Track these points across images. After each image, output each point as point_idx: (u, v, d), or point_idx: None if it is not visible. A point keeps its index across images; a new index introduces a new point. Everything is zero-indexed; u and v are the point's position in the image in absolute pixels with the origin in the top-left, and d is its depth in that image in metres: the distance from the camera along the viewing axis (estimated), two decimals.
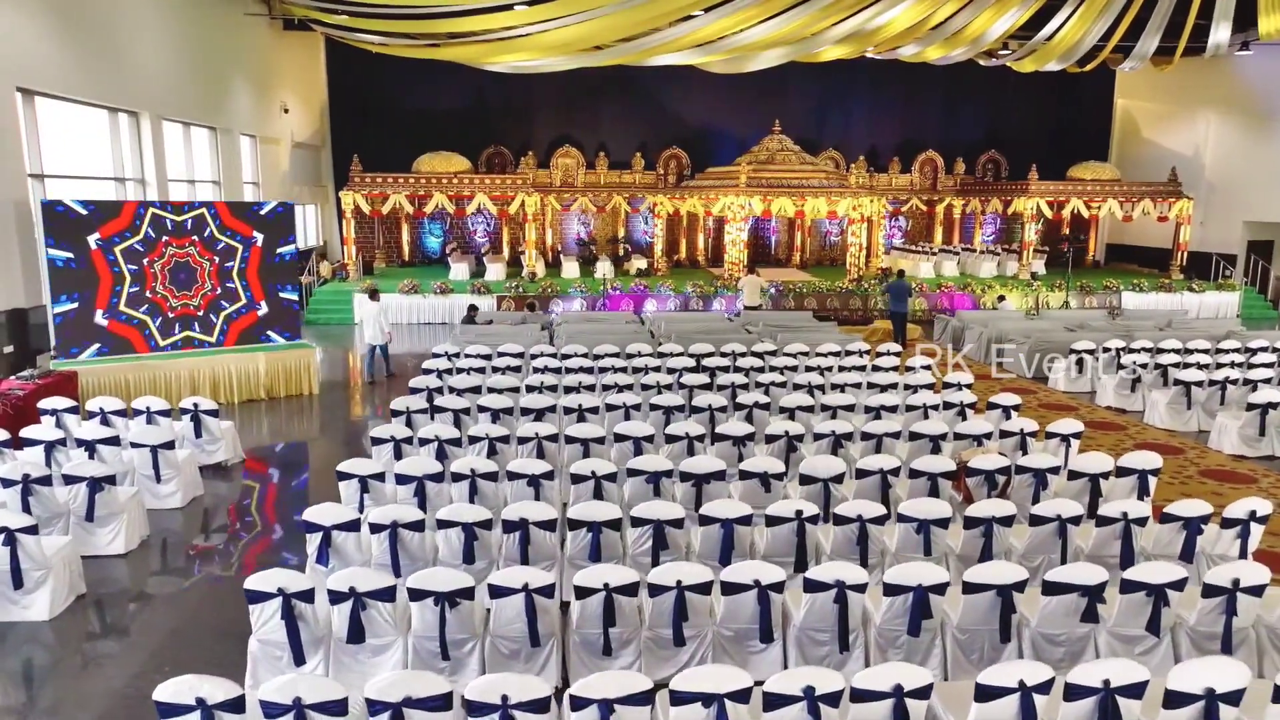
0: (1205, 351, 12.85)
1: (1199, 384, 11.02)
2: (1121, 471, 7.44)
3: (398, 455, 7.88)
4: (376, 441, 7.97)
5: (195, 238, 11.85)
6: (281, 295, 12.62)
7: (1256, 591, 5.20)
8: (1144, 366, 12.01)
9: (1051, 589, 5.18)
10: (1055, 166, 25.33)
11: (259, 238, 12.41)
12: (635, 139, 26.80)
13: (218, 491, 8.59)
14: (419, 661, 5.11)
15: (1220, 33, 17.26)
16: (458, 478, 7.00)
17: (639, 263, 23.45)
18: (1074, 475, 7.35)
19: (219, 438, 9.13)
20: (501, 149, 25.84)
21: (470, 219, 25.94)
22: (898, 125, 28.12)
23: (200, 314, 12.01)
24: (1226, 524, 6.34)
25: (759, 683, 3.98)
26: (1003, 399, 9.61)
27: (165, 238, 11.62)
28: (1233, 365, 11.62)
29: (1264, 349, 12.80)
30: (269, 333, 12.52)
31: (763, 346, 12.41)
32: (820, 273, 23.29)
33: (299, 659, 4.97)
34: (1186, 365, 11.91)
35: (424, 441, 7.99)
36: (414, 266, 24.75)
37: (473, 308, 15.91)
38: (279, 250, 12.51)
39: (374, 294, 14.49)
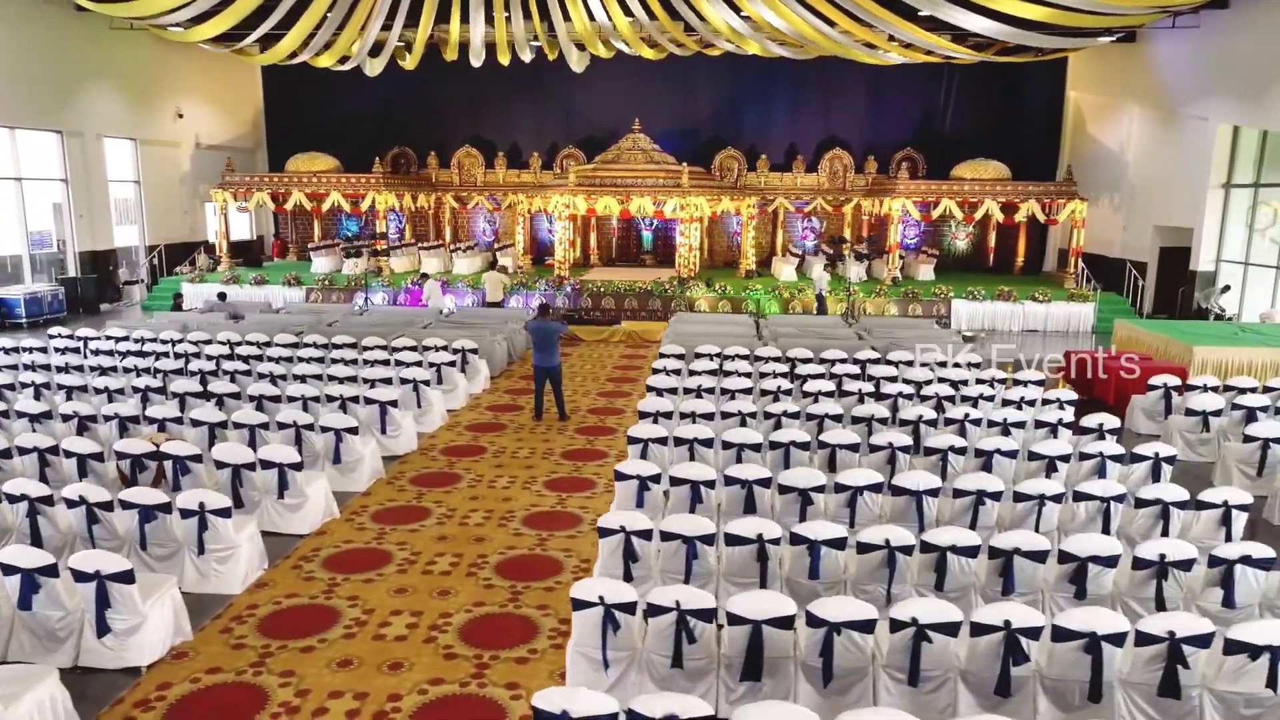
0: (842, 361, 12.05)
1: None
2: (264, 464, 7.56)
3: None
4: None
5: None
6: None
7: None
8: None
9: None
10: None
11: None
12: (547, 139, 27.29)
13: None
14: None
15: (973, 20, 15.73)
16: None
17: (504, 260, 23.98)
18: (219, 465, 7.55)
19: None
20: (406, 149, 27.02)
21: (385, 216, 27.28)
22: (821, 123, 27.01)
23: None
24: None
25: None
26: (381, 394, 9.73)
27: None
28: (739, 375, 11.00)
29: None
30: None
31: (372, 340, 12.95)
32: (714, 273, 22.90)
33: None
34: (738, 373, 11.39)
35: None
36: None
37: (221, 295, 17.15)
38: None
39: (493, 266, 20.49)
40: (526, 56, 20.58)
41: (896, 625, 4.90)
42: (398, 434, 9.89)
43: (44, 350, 12.32)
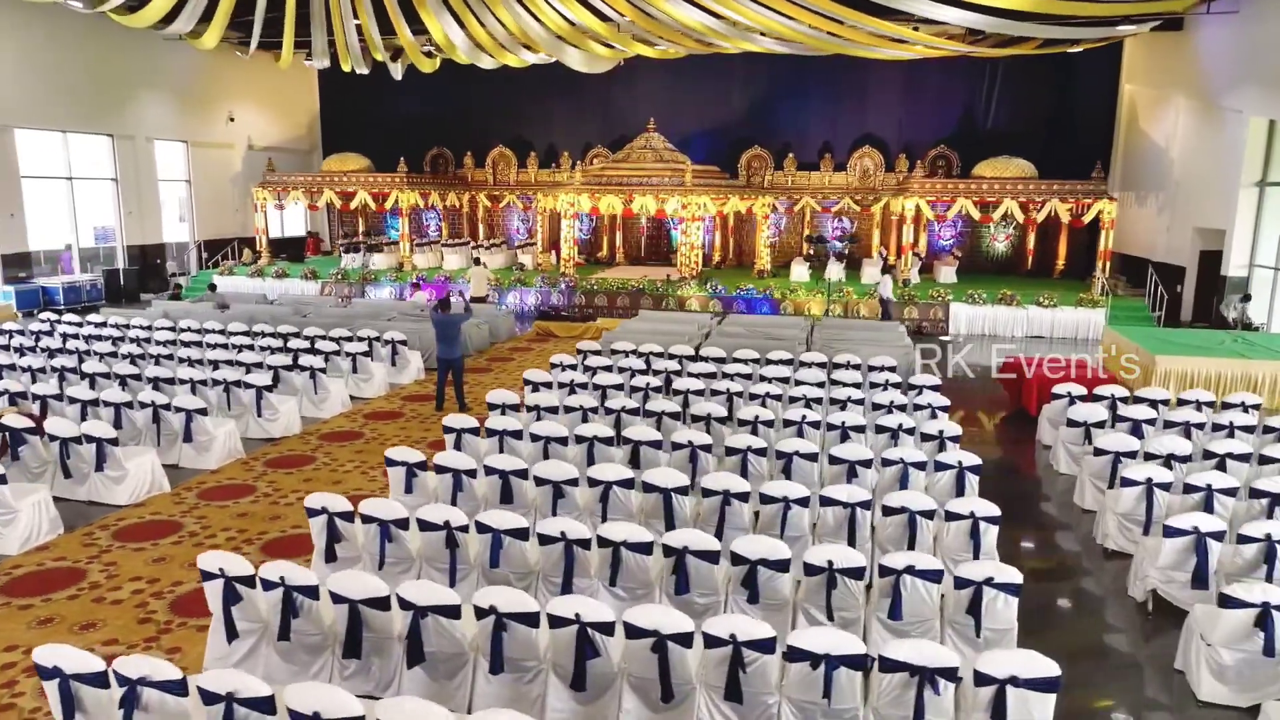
0: (751, 361, 11.95)
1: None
2: (87, 438, 8.17)
3: None
4: None
5: None
6: None
7: None
8: None
9: None
10: (1044, 162, 22.60)
11: None
12: (582, 139, 27.74)
13: None
14: None
15: (945, 12, 15.06)
16: None
17: (524, 258, 24.59)
18: (51, 438, 8.21)
19: None
20: (444, 150, 27.95)
21: (424, 214, 28.41)
22: (859, 121, 26.37)
23: None
24: None
25: None
26: (257, 379, 10.27)
27: None
28: None
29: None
30: None
31: (312, 331, 13.66)
32: (730, 273, 22.92)
33: None
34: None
35: None
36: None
37: (211, 286, 18.31)
38: None
39: (478, 261, 20.89)
40: (526, 58, 21.01)
41: (480, 613, 4.95)
42: (275, 417, 10.41)
43: (21, 333, 13.51)
